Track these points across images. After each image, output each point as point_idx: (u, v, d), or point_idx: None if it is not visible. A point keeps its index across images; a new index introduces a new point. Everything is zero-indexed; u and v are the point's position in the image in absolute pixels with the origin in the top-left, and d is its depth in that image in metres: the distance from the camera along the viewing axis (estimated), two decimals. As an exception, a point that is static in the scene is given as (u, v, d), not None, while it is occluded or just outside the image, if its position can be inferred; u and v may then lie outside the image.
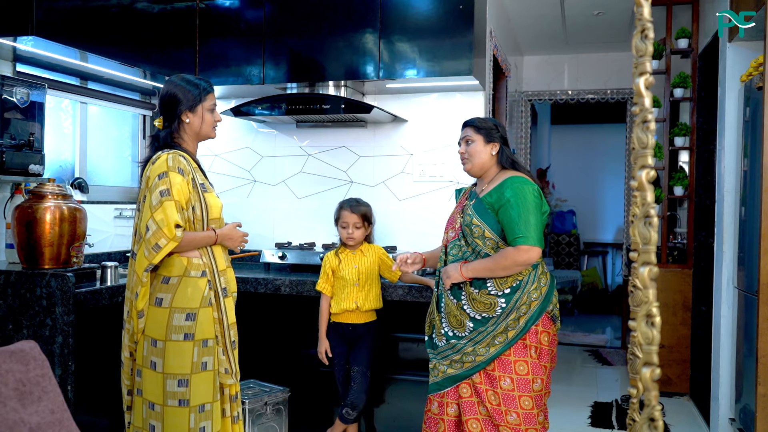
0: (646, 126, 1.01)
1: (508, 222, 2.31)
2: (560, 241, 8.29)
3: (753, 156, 3.01)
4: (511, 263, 2.29)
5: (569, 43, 5.41)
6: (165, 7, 3.39)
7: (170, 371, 2.17)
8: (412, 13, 3.31)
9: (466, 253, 2.43)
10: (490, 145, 2.46)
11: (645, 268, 1.00)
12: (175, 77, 2.37)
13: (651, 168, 1.01)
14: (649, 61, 1.01)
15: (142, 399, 2.22)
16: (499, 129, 2.49)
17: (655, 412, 1.00)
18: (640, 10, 0.99)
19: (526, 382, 2.32)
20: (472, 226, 2.39)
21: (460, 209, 2.53)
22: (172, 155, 2.20)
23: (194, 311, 2.19)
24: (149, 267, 2.15)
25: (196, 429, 2.18)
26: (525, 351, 2.34)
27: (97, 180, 3.70)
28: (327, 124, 3.78)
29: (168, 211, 2.13)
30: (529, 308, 2.34)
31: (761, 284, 2.66)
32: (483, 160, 2.46)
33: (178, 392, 2.16)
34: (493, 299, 2.35)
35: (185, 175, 2.21)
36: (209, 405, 2.21)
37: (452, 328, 2.42)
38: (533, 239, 2.27)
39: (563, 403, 4.24)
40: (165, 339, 2.17)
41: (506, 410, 2.31)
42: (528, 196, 2.32)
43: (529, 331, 2.34)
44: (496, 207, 2.34)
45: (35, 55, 2.96)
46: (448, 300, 2.44)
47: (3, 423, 1.54)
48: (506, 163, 2.46)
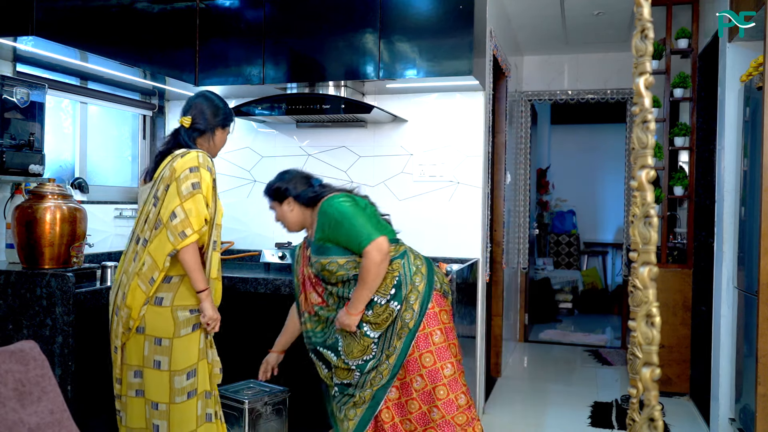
0: (646, 126, 1.01)
1: (346, 239, 2.33)
2: (560, 241, 8.29)
3: (753, 156, 3.01)
4: (374, 268, 2.29)
5: (569, 43, 5.41)
6: (165, 7, 3.39)
7: (179, 367, 2.20)
8: (412, 13, 3.31)
9: (340, 291, 2.42)
10: (285, 203, 2.49)
11: (645, 268, 1.01)
12: (216, 94, 2.50)
13: (651, 168, 1.01)
14: (649, 61, 1.01)
15: (144, 400, 2.22)
16: (287, 183, 2.49)
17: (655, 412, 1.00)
18: (640, 10, 0.99)
19: (435, 372, 2.32)
20: (327, 266, 2.38)
21: (306, 262, 2.51)
22: (202, 153, 2.27)
23: (196, 307, 2.25)
24: (173, 252, 2.16)
25: (203, 416, 2.23)
26: (427, 341, 2.35)
27: (97, 180, 3.70)
28: (327, 124, 3.78)
29: (198, 204, 2.18)
30: (419, 292, 2.36)
31: (761, 284, 2.66)
32: (293, 220, 2.51)
33: (186, 386, 2.20)
34: (387, 307, 2.36)
35: (212, 174, 2.28)
36: (208, 393, 2.29)
37: (358, 358, 2.38)
38: (371, 233, 2.29)
39: (563, 403, 4.24)
40: (173, 336, 2.19)
41: (428, 409, 2.32)
42: (343, 206, 2.36)
43: (427, 315, 2.35)
44: (330, 237, 2.36)
45: (35, 55, 2.96)
46: (348, 339, 2.40)
47: (2, 423, 1.53)
48: (314, 201, 2.47)
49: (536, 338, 6.21)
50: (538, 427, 3.77)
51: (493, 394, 4.34)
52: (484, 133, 3.63)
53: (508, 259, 4.85)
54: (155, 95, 4.00)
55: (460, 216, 3.60)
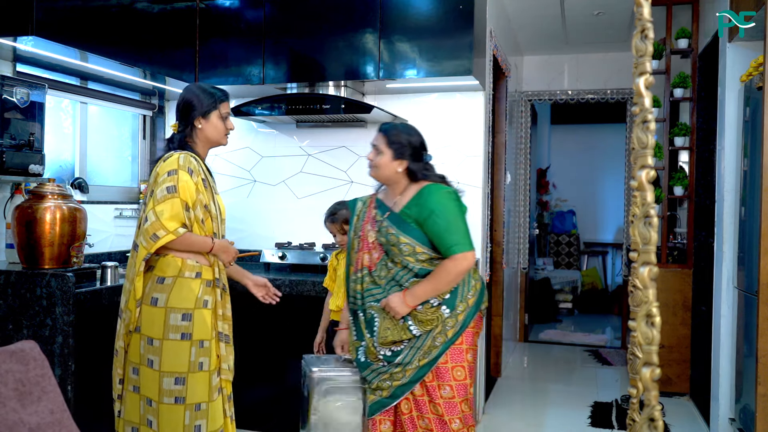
0: (646, 126, 1.01)
1: (437, 233, 2.26)
2: (560, 241, 8.29)
3: (753, 156, 3.01)
4: (453, 276, 2.25)
5: (569, 43, 5.41)
6: (165, 7, 3.39)
7: (167, 369, 2.21)
8: (412, 13, 3.31)
9: (398, 273, 2.34)
10: (398, 162, 2.35)
11: (645, 268, 1.01)
12: (192, 85, 2.45)
13: (651, 168, 1.01)
14: (649, 61, 1.01)
15: (139, 396, 2.26)
16: (411, 145, 2.37)
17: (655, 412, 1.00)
18: (640, 10, 0.99)
19: (464, 387, 2.32)
20: (401, 244, 2.30)
21: (372, 225, 2.40)
22: (183, 155, 2.28)
23: (190, 312, 2.24)
24: (147, 256, 2.19)
25: (191, 427, 2.23)
26: (461, 355, 2.33)
27: (97, 180, 3.70)
28: (327, 124, 3.78)
29: (170, 206, 2.18)
30: (467, 306, 2.33)
31: (761, 284, 2.66)
32: (388, 174, 2.37)
33: (174, 390, 2.21)
34: (437, 309, 2.31)
35: (194, 175, 2.26)
36: (205, 404, 2.25)
37: (389, 347, 2.34)
38: (466, 245, 2.25)
39: (563, 403, 4.24)
40: (162, 338, 2.21)
41: (450, 419, 2.30)
42: (450, 203, 2.29)
43: (465, 333, 2.33)
44: (420, 220, 2.28)
45: (35, 55, 2.96)
46: (386, 323, 2.33)
47: (3, 423, 1.53)
48: (417, 176, 2.37)
49: (536, 338, 6.21)
50: (538, 427, 3.76)
51: (493, 394, 4.34)
52: (484, 133, 3.63)
53: (508, 259, 4.85)
54: (155, 95, 4.00)
55: (460, 216, 3.60)
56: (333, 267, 2.96)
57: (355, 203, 2.52)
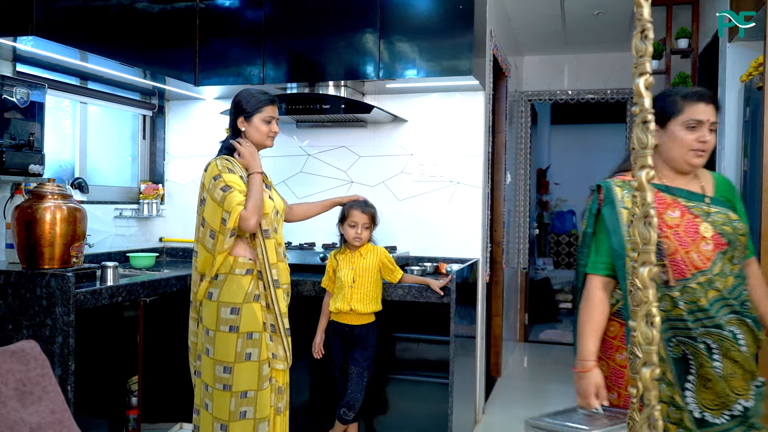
0: (646, 126, 1.01)
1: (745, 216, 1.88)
2: (560, 241, 8.30)
3: (753, 156, 3.01)
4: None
5: (569, 43, 5.41)
6: (165, 7, 3.39)
7: (218, 358, 2.42)
8: (412, 13, 3.31)
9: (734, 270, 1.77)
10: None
11: (645, 268, 1.01)
12: (243, 90, 2.62)
13: (651, 168, 1.01)
14: (649, 61, 1.01)
15: (200, 380, 2.50)
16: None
17: (655, 412, 1.01)
18: (640, 10, 1.00)
19: None
20: (738, 232, 1.79)
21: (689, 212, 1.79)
22: (219, 159, 2.46)
23: (238, 306, 2.42)
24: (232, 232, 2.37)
25: (237, 412, 2.42)
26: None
27: (97, 180, 3.70)
28: (327, 124, 3.78)
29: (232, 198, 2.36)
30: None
31: (761, 284, 2.65)
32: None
33: (223, 377, 2.41)
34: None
35: (237, 172, 2.45)
36: (253, 392, 2.43)
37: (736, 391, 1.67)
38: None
39: (563, 403, 4.21)
40: (215, 329, 2.42)
41: None
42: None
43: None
44: (733, 202, 1.87)
45: (35, 55, 2.96)
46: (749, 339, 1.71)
47: (3, 423, 1.54)
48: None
49: (536, 338, 6.21)
50: (538, 427, 3.77)
51: (493, 394, 4.35)
52: (484, 133, 3.63)
53: (508, 259, 4.85)
54: (155, 95, 4.00)
55: (460, 216, 3.60)
56: (332, 268, 2.94)
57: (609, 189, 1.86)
